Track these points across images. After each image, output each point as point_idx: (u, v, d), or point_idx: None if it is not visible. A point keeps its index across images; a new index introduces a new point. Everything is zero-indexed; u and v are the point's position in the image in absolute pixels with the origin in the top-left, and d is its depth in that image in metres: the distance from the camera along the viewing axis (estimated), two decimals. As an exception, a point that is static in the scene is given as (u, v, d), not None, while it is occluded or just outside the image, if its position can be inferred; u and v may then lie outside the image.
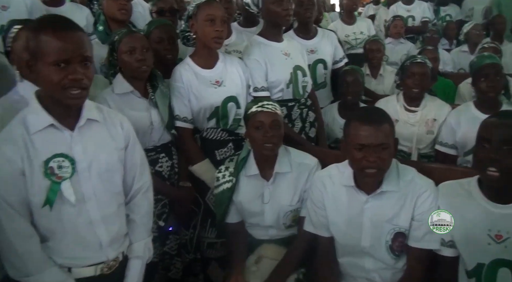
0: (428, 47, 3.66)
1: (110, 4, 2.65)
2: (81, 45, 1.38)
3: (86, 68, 1.40)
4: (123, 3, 2.65)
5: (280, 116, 2.01)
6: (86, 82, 1.40)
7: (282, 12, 2.36)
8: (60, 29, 1.36)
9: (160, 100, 2.16)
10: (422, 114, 2.68)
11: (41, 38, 1.35)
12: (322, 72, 2.98)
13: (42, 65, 1.36)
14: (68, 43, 1.35)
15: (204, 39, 2.19)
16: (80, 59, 1.37)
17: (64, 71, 1.35)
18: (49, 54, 1.34)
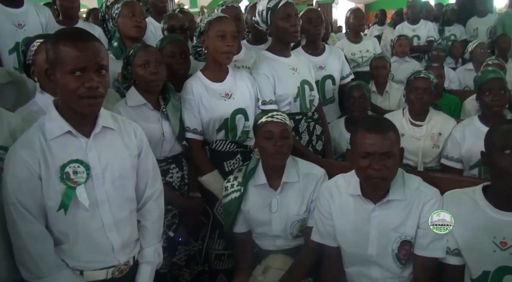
0: (433, 65, 3.74)
1: (125, 22, 2.74)
2: (97, 54, 1.44)
3: (102, 76, 1.45)
4: (138, 21, 2.74)
5: (289, 126, 2.07)
6: (102, 90, 1.45)
7: (290, 28, 2.43)
8: (77, 39, 1.43)
9: (172, 112, 2.23)
10: (428, 128, 2.72)
11: (59, 48, 1.42)
12: (331, 88, 3.04)
13: (60, 74, 1.42)
14: (83, 52, 1.41)
15: (214, 54, 2.26)
16: (96, 68, 1.43)
17: (80, 79, 1.41)
18: (66, 63, 1.40)
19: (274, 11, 2.43)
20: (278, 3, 2.42)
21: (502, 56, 4.60)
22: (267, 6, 2.45)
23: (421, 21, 5.45)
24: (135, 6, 2.77)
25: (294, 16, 2.44)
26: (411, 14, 5.48)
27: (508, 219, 1.61)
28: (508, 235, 1.61)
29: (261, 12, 2.50)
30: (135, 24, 2.72)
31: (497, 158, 1.60)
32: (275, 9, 2.42)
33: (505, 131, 1.61)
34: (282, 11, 2.42)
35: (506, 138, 1.59)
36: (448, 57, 5.28)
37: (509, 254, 1.61)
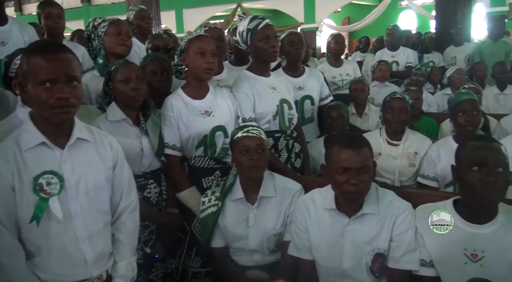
0: (411, 88, 3.83)
1: (111, 40, 2.79)
2: (68, 65, 1.46)
3: (73, 87, 1.47)
4: (124, 39, 2.79)
5: (265, 141, 2.10)
6: (73, 100, 1.47)
7: (269, 49, 2.50)
8: (47, 51, 1.45)
9: (151, 128, 2.25)
10: (404, 147, 2.78)
11: (30, 60, 1.44)
12: (310, 108, 3.10)
13: (31, 85, 1.44)
14: (53, 63, 1.43)
15: (195, 71, 2.30)
16: (66, 79, 1.45)
17: (50, 90, 1.43)
18: (36, 74, 1.43)
19: (254, 33, 2.50)
20: (258, 25, 2.50)
21: (479, 82, 4.73)
22: (248, 27, 2.52)
23: (400, 48, 5.62)
24: (122, 25, 2.82)
25: (273, 37, 2.52)
26: (390, 41, 5.65)
27: (478, 231, 1.66)
28: (478, 247, 1.65)
29: (241, 32, 2.57)
30: (121, 43, 2.76)
31: (466, 174, 1.65)
32: (255, 31, 2.50)
33: (472, 148, 1.67)
34: (261, 32, 2.49)
35: (473, 154, 1.64)
36: (428, 83, 5.42)
37: (480, 265, 1.64)
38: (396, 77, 5.44)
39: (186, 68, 2.36)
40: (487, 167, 1.59)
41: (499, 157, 1.61)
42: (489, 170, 1.59)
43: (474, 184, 1.61)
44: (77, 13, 18.45)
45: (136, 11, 3.76)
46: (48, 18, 3.27)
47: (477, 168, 1.61)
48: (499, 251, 1.63)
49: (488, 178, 1.58)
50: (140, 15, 3.75)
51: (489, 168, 1.59)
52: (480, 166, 1.61)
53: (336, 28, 16.63)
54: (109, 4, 18.82)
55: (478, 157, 1.62)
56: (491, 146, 1.63)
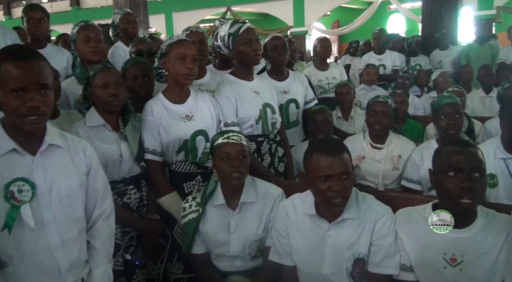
0: (397, 91, 3.83)
1: (82, 48, 2.78)
2: (39, 73, 1.42)
3: (44, 95, 1.44)
4: (94, 46, 2.77)
5: (246, 147, 2.08)
6: (44, 109, 1.44)
7: (251, 52, 2.49)
8: (18, 58, 1.41)
9: (131, 133, 2.23)
10: (388, 151, 2.77)
11: (1, 67, 1.40)
12: (295, 111, 3.09)
13: (2, 93, 1.41)
14: (24, 71, 1.40)
15: (175, 76, 2.28)
16: (37, 87, 1.42)
17: (21, 98, 1.40)
18: (7, 82, 1.39)
19: (235, 37, 2.49)
20: (239, 29, 2.49)
21: (465, 85, 4.78)
22: (229, 31, 2.51)
23: (387, 51, 5.66)
24: (90, 31, 2.80)
25: (255, 41, 2.51)
26: (377, 44, 5.68)
27: (456, 235, 1.65)
28: (457, 252, 1.64)
29: (223, 37, 2.55)
30: (91, 50, 2.74)
31: (442, 179, 1.65)
32: (236, 35, 2.48)
33: (449, 153, 1.66)
34: (243, 36, 2.48)
35: (449, 159, 1.64)
36: (414, 86, 5.44)
37: (459, 270, 1.64)
38: (383, 80, 5.47)
39: (166, 72, 2.34)
40: (463, 173, 1.59)
41: (476, 162, 1.60)
42: (465, 176, 1.58)
43: (450, 190, 1.61)
44: (66, 17, 18.34)
45: (122, 15, 3.74)
46: (30, 22, 3.25)
47: (453, 173, 1.61)
48: (478, 255, 1.63)
49: (464, 183, 1.57)
50: (126, 19, 3.72)
51: (465, 173, 1.58)
52: (456, 171, 1.60)
53: (325, 31, 16.69)
54: (98, 7, 18.68)
55: (454, 162, 1.61)
56: (467, 151, 1.62)
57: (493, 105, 4.59)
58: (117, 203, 2.20)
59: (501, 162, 2.32)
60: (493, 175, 2.33)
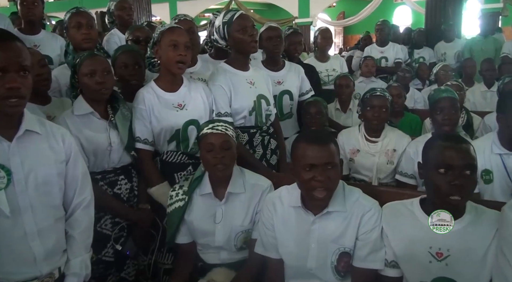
0: (393, 84, 3.79)
1: (74, 35, 2.74)
2: (18, 54, 1.41)
3: (23, 77, 1.43)
4: (85, 33, 2.72)
5: (232, 137, 2.05)
6: (24, 91, 1.43)
7: (248, 38, 2.45)
8: None
9: (121, 122, 2.21)
10: (383, 144, 2.74)
11: None
12: (288, 103, 3.06)
13: None
14: (4, 51, 1.39)
15: (167, 64, 2.25)
16: (17, 68, 1.41)
17: (1, 80, 1.38)
18: None
19: (230, 24, 2.45)
20: (233, 16, 2.45)
21: (468, 79, 4.75)
22: (223, 20, 2.48)
23: (390, 44, 5.59)
24: (81, 17, 2.75)
25: (250, 27, 2.46)
26: (379, 36, 5.61)
27: None
28: (443, 246, 1.62)
29: (218, 27, 2.52)
30: (83, 37, 2.71)
31: (432, 175, 1.61)
32: (230, 22, 2.45)
33: (440, 149, 1.61)
34: (237, 23, 2.44)
35: (440, 156, 1.60)
36: (416, 79, 5.39)
37: (445, 264, 1.62)
38: (385, 72, 5.42)
39: (159, 60, 2.31)
40: (454, 170, 1.55)
41: (467, 159, 1.56)
42: (456, 173, 1.55)
43: (440, 186, 1.57)
44: (72, 3, 18.14)
45: (117, 2, 3.70)
46: (23, 4, 3.22)
47: (444, 170, 1.57)
48: (465, 250, 1.60)
49: (454, 181, 1.54)
50: (120, 6, 3.69)
51: (456, 171, 1.55)
52: (447, 168, 1.56)
53: (330, 22, 16.58)
54: None
55: (445, 159, 1.57)
56: (459, 148, 1.58)
57: (494, 100, 4.48)
58: (107, 193, 2.19)
59: (497, 157, 2.29)
60: (488, 170, 2.31)
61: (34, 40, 3.30)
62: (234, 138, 2.06)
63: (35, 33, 3.33)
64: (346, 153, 2.82)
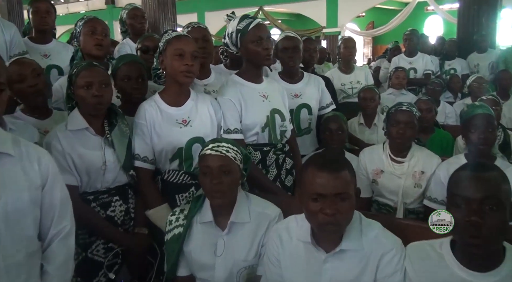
0: (422, 98, 3.52)
1: (86, 40, 2.57)
2: None
3: None
4: (99, 39, 2.56)
5: (234, 160, 1.79)
6: None
7: (262, 51, 2.23)
8: None
9: (118, 139, 2.03)
10: (409, 165, 2.48)
11: None
12: (306, 117, 2.83)
13: None
14: None
15: (172, 74, 2.06)
16: None
17: None
18: None
19: (244, 33, 2.24)
20: (248, 25, 2.24)
21: (502, 92, 4.45)
22: (237, 27, 2.27)
23: (419, 54, 5.30)
24: (97, 24, 2.60)
25: (266, 38, 2.25)
26: (408, 46, 5.33)
27: (476, 280, 1.35)
28: None
29: (230, 34, 2.32)
30: (95, 42, 2.54)
31: (451, 209, 1.37)
32: (245, 31, 2.24)
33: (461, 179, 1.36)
34: (253, 33, 2.23)
35: (457, 187, 1.35)
36: (447, 92, 5.10)
37: None
38: (413, 84, 5.13)
39: (164, 71, 2.12)
40: (471, 204, 1.29)
41: (488, 191, 1.29)
42: (473, 208, 1.29)
43: (456, 224, 1.33)
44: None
45: (129, 10, 3.57)
46: (36, 13, 3.12)
47: (464, 204, 1.31)
48: None
49: (471, 217, 1.28)
50: (133, 14, 3.56)
51: (472, 205, 1.29)
52: (466, 202, 1.31)
53: (359, 32, 16.36)
54: None
55: (464, 191, 1.32)
56: (480, 177, 1.32)
57: (533, 115, 4.23)
58: (100, 216, 2.00)
59: None
60: None
61: (45, 50, 3.20)
62: (238, 161, 1.81)
63: (46, 42, 3.22)
64: (369, 173, 2.57)
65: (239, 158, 1.81)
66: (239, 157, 1.81)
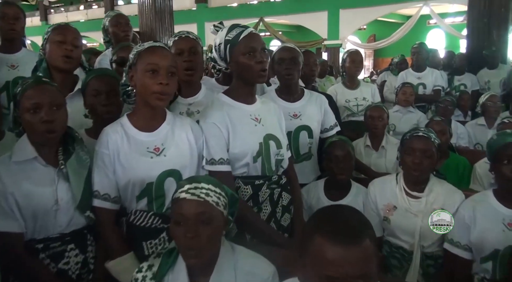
0: (435, 118, 3.15)
1: (53, 49, 2.20)
2: None
3: None
4: (68, 49, 2.18)
5: (216, 206, 1.40)
6: None
7: (256, 66, 1.86)
8: None
9: (74, 170, 1.66)
10: (427, 201, 2.11)
11: None
12: (306, 141, 2.46)
13: None
14: None
15: (143, 94, 1.69)
16: None
17: None
18: None
19: (234, 44, 1.87)
20: (239, 35, 1.87)
21: (516, 112, 4.08)
22: (226, 38, 1.90)
23: (427, 69, 4.95)
24: (67, 31, 2.22)
25: (260, 50, 1.87)
26: (416, 60, 4.97)
27: None
28: None
29: (218, 46, 1.95)
30: (63, 53, 2.16)
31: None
32: (235, 42, 1.87)
33: None
34: (244, 44, 1.86)
35: None
36: (456, 109, 4.74)
37: None
38: (423, 102, 4.76)
39: (133, 88, 1.76)
40: None
41: None
42: None
43: None
44: (190, 16, 17.54)
45: (111, 17, 3.24)
46: (3, 18, 2.78)
47: None
48: None
49: None
50: (116, 21, 3.23)
51: None
52: None
53: (360, 45, 16.15)
54: (226, 6, 17.48)
55: None
56: None
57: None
58: (49, 270, 1.62)
59: None
60: None
61: (12, 60, 2.84)
62: (221, 207, 1.42)
63: (13, 52, 2.86)
64: (379, 209, 2.20)
65: (223, 203, 1.42)
66: (222, 202, 1.42)
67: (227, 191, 1.48)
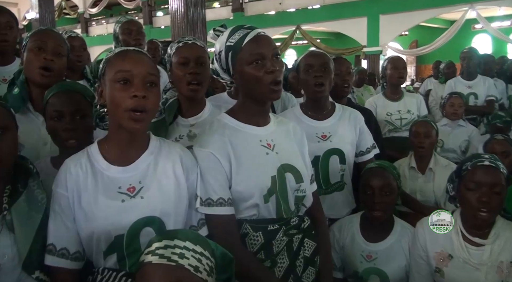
0: (497, 137, 2.65)
1: (29, 59, 1.85)
2: None
3: None
4: (47, 59, 1.82)
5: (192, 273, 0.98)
6: None
7: (265, 77, 1.41)
8: None
9: (22, 217, 1.26)
10: (493, 250, 1.65)
11: None
12: (338, 168, 2.03)
13: None
14: None
15: (114, 113, 1.29)
16: None
17: None
18: None
19: (237, 50, 1.44)
20: (243, 38, 1.44)
21: None
22: (227, 44, 1.47)
23: (479, 77, 4.43)
24: (48, 37, 1.86)
25: (271, 58, 1.43)
26: (466, 67, 4.44)
27: None
28: None
29: (218, 54, 1.52)
30: (40, 64, 1.81)
31: None
32: (238, 47, 1.44)
33: None
34: (250, 50, 1.42)
35: None
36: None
37: None
38: (474, 114, 4.23)
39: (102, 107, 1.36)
40: None
41: None
42: None
43: None
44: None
45: (122, 23, 2.90)
46: None
47: None
48: None
49: None
50: (126, 29, 2.89)
51: None
52: None
53: (402, 51, 15.55)
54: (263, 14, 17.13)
55: None
56: None
57: None
58: None
59: None
60: None
61: (4, 73, 2.52)
62: (205, 273, 1.01)
63: (5, 64, 2.54)
64: (430, 258, 1.74)
65: (207, 267, 1.00)
66: (206, 266, 1.00)
67: (215, 249, 1.06)
